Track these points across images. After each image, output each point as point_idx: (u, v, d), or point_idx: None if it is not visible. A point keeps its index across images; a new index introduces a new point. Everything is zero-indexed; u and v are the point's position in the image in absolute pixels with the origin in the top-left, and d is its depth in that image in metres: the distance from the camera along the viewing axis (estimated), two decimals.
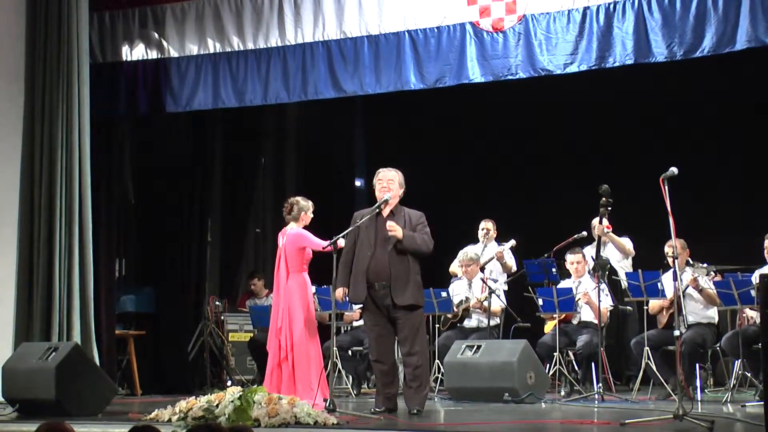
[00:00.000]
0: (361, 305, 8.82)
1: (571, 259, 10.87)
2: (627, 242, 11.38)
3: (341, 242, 8.68)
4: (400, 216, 8.40)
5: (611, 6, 9.62)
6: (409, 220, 8.40)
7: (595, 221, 10.99)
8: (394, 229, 8.27)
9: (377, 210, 8.41)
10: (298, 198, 9.61)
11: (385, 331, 8.44)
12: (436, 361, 10.80)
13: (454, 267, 11.73)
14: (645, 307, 10.05)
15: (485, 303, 10.85)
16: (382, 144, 14.55)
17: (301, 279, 9.39)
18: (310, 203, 9.56)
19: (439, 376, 10.71)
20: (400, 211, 8.43)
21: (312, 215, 9.54)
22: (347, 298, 8.61)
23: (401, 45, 10.43)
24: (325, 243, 9.03)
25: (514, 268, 11.74)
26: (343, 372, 11.35)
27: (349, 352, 11.29)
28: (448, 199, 13.65)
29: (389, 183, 8.48)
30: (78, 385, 8.67)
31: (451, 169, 14.15)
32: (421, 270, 8.48)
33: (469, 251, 11.44)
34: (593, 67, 9.76)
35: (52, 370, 8.59)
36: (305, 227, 9.52)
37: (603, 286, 10.19)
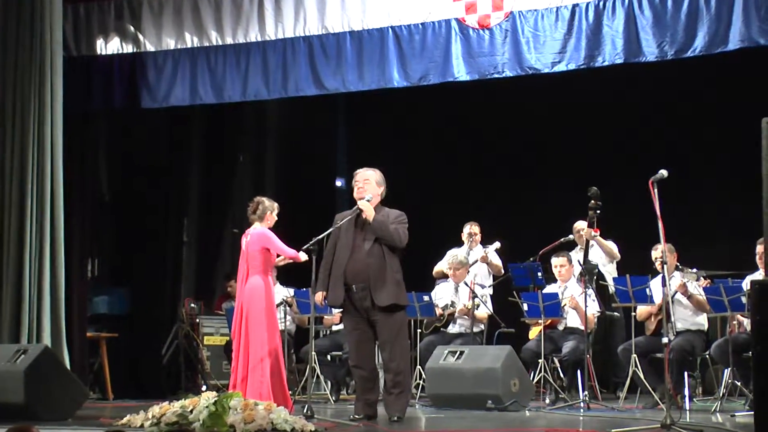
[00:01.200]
0: (339, 309, 8.79)
1: (555, 262, 10.83)
2: (613, 246, 11.39)
3: (304, 256, 8.76)
4: (380, 216, 8.35)
5: (601, 3, 9.66)
6: (387, 218, 8.35)
7: (578, 225, 11.02)
8: (365, 208, 8.25)
9: (357, 212, 8.37)
10: (263, 198, 9.48)
11: (365, 336, 8.39)
12: (418, 366, 10.76)
13: (441, 266, 11.67)
14: (633, 313, 10.03)
15: (472, 309, 10.84)
16: (365, 143, 14.52)
17: (261, 281, 9.05)
18: (276, 204, 9.35)
19: (421, 382, 10.68)
20: (379, 210, 8.38)
21: (276, 217, 9.37)
22: (326, 302, 8.58)
23: (385, 41, 10.45)
24: (291, 252, 8.97)
25: (503, 270, 11.71)
26: (322, 377, 11.31)
27: (328, 357, 11.25)
28: (432, 200, 13.61)
29: (365, 183, 8.42)
30: (48, 389, 8.62)
31: (435, 168, 14.11)
32: (402, 270, 8.40)
33: (459, 254, 11.43)
34: (582, 67, 9.79)
35: (21, 372, 8.53)
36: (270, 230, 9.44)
37: (590, 291, 10.18)
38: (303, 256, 8.90)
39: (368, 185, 8.40)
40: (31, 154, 10.65)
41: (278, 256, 9.16)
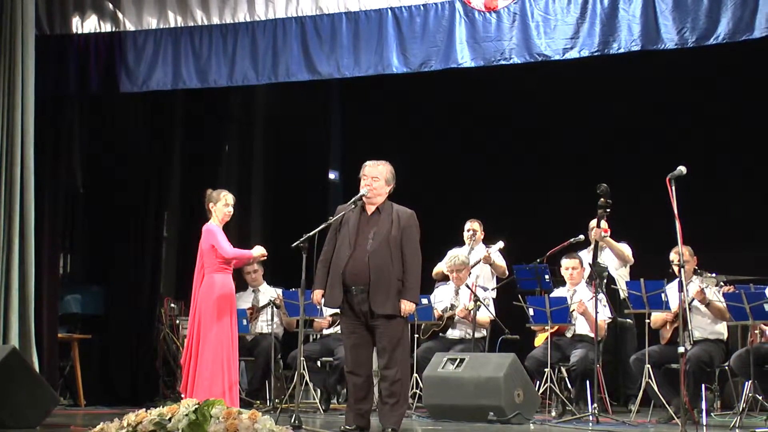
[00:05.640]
0: (336, 310, 8.77)
1: (566, 264, 10.84)
2: (626, 248, 11.37)
3: (258, 250, 9.25)
4: (387, 214, 8.26)
5: None
6: (398, 219, 8.23)
7: (593, 223, 10.99)
8: (408, 310, 8.25)
9: (356, 206, 8.30)
10: (209, 190, 9.46)
11: (362, 340, 8.33)
12: (415, 374, 10.75)
13: (441, 267, 11.63)
14: (647, 320, 10.03)
15: (473, 312, 10.83)
16: (361, 133, 14.54)
17: (214, 280, 9.16)
18: (223, 193, 9.36)
19: (417, 391, 10.68)
20: (387, 208, 8.29)
21: (228, 209, 9.31)
22: (323, 301, 8.53)
23: (383, 23, 10.42)
24: (232, 253, 9.12)
25: (507, 272, 11.69)
26: (311, 385, 11.32)
27: (318, 363, 11.27)
28: (431, 197, 13.55)
29: (374, 181, 8.28)
30: (14, 394, 8.58)
31: (436, 163, 14.11)
32: None
33: (459, 254, 11.41)
34: (596, 53, 9.75)
35: None
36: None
37: (601, 296, 10.19)
38: (256, 251, 9.32)
39: (377, 183, 8.30)
40: None
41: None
